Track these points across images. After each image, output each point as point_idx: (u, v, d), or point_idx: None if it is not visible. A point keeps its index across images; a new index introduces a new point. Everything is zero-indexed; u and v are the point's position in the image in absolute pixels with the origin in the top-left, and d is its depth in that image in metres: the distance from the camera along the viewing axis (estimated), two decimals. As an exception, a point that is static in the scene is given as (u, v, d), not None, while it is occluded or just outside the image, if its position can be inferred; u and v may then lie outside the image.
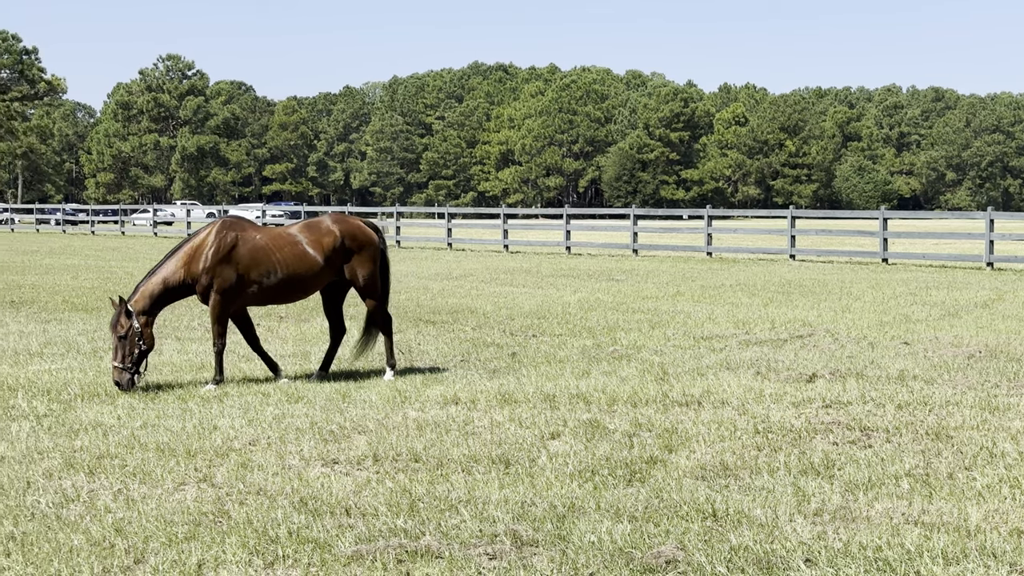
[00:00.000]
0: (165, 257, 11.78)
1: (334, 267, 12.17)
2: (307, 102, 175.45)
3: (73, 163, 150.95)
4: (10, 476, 7.72)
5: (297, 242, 12.01)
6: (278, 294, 12.12)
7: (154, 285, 11.54)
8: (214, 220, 12.11)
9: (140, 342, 11.31)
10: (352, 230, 12.31)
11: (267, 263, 11.81)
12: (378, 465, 8.03)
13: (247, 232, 11.91)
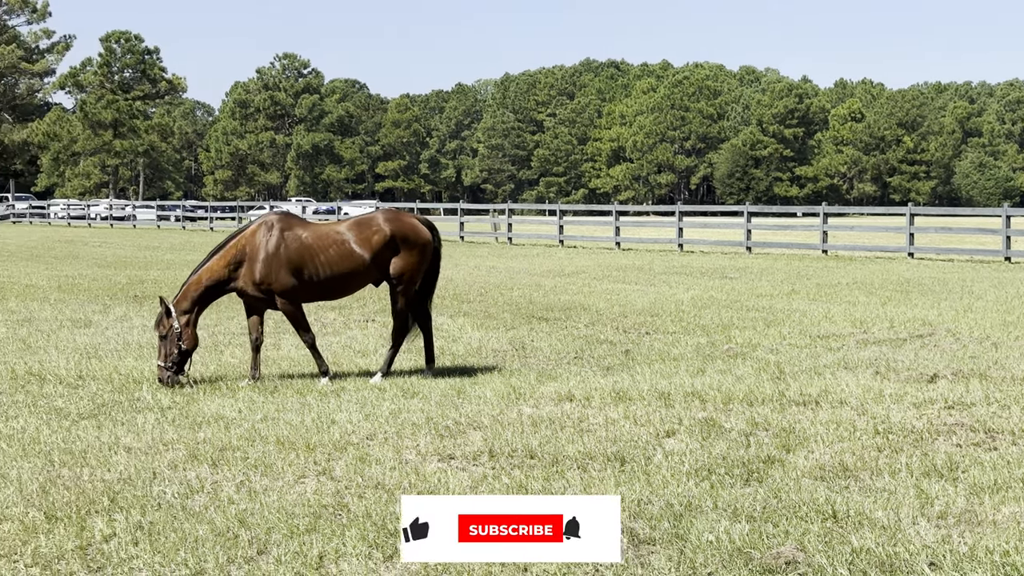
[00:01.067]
0: (209, 254, 11.69)
1: (381, 265, 11.91)
2: (420, 99, 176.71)
3: (192, 160, 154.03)
4: (137, 467, 7.91)
5: (344, 240, 11.79)
6: (323, 291, 11.99)
7: (196, 285, 11.51)
8: (259, 217, 12.00)
9: (180, 342, 11.30)
10: (404, 229, 12.01)
11: (313, 262, 11.65)
12: (494, 461, 8.07)
13: (293, 229, 11.74)
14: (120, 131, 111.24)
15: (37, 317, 17.77)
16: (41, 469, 7.86)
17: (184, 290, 11.50)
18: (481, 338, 15.32)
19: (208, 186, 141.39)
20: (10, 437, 8.87)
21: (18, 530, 6.48)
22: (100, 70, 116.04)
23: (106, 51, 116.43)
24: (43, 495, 7.18)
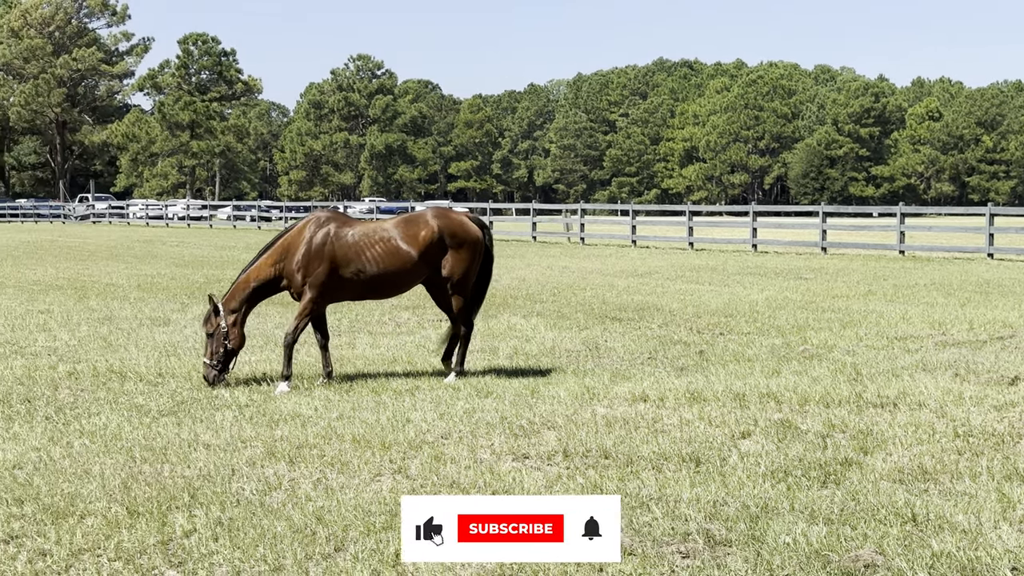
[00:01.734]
0: (258, 254, 11.68)
1: (430, 263, 11.78)
2: (492, 100, 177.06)
3: (267, 161, 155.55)
4: (216, 463, 8.01)
5: (391, 237, 11.68)
6: (371, 290, 11.91)
7: (245, 284, 11.51)
8: (307, 216, 11.93)
9: (226, 340, 11.30)
10: (453, 226, 11.88)
11: (359, 259, 11.57)
12: (568, 461, 8.07)
13: (340, 227, 11.66)
14: (197, 132, 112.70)
15: (117, 315, 18.06)
16: (123, 465, 7.99)
17: (233, 289, 11.53)
18: (554, 338, 15.33)
19: (283, 186, 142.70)
20: (93, 433, 9.03)
21: (101, 524, 6.60)
22: (178, 72, 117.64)
23: (184, 53, 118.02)
24: (125, 490, 7.30)
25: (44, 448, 8.52)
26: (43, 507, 6.91)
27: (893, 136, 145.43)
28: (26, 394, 10.97)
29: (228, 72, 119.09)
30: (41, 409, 10.21)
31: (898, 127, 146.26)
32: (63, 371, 12.31)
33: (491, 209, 57.73)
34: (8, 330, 16.06)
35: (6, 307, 19.34)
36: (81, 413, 10.00)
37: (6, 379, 11.79)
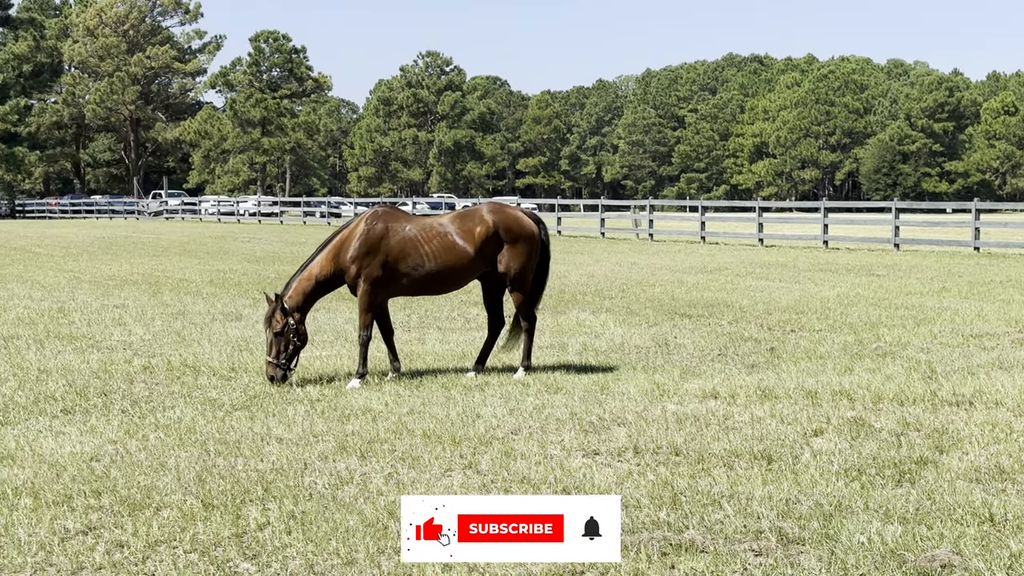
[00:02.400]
0: (316, 250, 11.65)
1: (486, 258, 11.75)
2: (560, 96, 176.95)
3: (337, 157, 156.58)
4: (289, 457, 8.08)
5: (447, 232, 11.67)
6: (428, 285, 11.90)
7: (306, 281, 11.46)
8: (365, 211, 11.95)
9: (294, 338, 11.29)
10: (508, 221, 11.83)
11: (416, 254, 11.56)
12: (638, 457, 8.05)
13: (397, 222, 11.66)
14: (268, 129, 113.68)
15: (190, 310, 18.28)
16: (197, 458, 8.08)
17: (295, 286, 11.47)
18: (624, 334, 15.28)
19: (352, 183, 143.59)
20: (168, 427, 9.14)
21: (177, 517, 6.68)
22: (249, 69, 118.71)
23: (255, 51, 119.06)
24: (200, 483, 7.39)
25: (120, 441, 8.64)
26: (120, 499, 7.01)
27: (967, 131, 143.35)
28: (102, 388, 11.14)
29: (299, 69, 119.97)
30: (117, 403, 10.36)
31: (973, 122, 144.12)
32: (138, 365, 12.49)
33: (559, 205, 57.68)
34: (85, 324, 16.31)
35: (82, 302, 19.64)
36: (156, 407, 10.13)
37: (83, 373, 11.98)
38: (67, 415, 9.82)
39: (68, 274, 26.68)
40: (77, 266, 29.72)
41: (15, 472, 7.69)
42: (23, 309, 18.30)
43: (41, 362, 12.70)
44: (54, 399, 10.50)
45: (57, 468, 7.77)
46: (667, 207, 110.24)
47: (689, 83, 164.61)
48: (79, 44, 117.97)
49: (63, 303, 19.38)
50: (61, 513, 6.74)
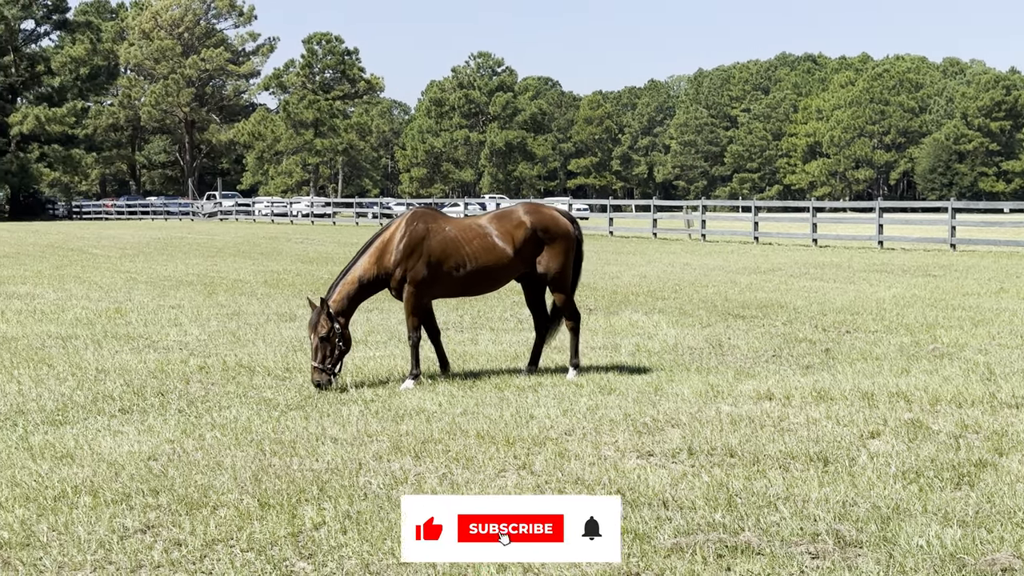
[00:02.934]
0: (358, 253, 11.58)
1: (525, 259, 11.77)
2: (612, 96, 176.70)
3: (388, 159, 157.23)
4: (344, 457, 8.12)
5: (487, 233, 11.67)
6: (468, 286, 11.87)
7: (350, 284, 11.40)
8: (404, 212, 11.89)
9: (340, 343, 11.22)
10: (545, 221, 11.84)
11: (457, 255, 11.54)
12: (693, 459, 8.01)
13: (437, 223, 11.63)
14: (320, 130, 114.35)
15: (245, 311, 18.41)
16: (253, 458, 8.13)
17: (339, 290, 11.40)
18: (677, 335, 15.23)
19: (404, 184, 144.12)
20: (224, 426, 9.21)
21: (234, 516, 6.73)
22: (302, 71, 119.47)
23: (308, 52, 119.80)
24: (256, 483, 7.44)
25: (177, 440, 8.72)
26: (177, 498, 7.07)
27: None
28: (159, 387, 11.24)
29: (351, 71, 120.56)
30: (174, 402, 10.46)
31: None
32: (194, 365, 12.60)
33: (611, 206, 57.57)
34: (141, 325, 16.47)
35: (139, 302, 19.84)
36: (212, 406, 10.21)
37: (140, 373, 12.10)
38: (125, 414, 9.92)
39: (124, 275, 26.97)
40: (133, 267, 30.04)
41: (75, 471, 7.78)
42: (81, 309, 18.51)
43: (99, 362, 12.85)
44: (112, 399, 10.61)
45: (116, 467, 7.85)
46: (719, 207, 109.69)
47: (742, 83, 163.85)
48: (135, 47, 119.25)
49: (120, 303, 19.59)
50: (120, 511, 6.81)
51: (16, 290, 22.46)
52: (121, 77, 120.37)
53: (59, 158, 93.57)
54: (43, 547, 6.23)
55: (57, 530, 6.49)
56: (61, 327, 16.17)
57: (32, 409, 10.13)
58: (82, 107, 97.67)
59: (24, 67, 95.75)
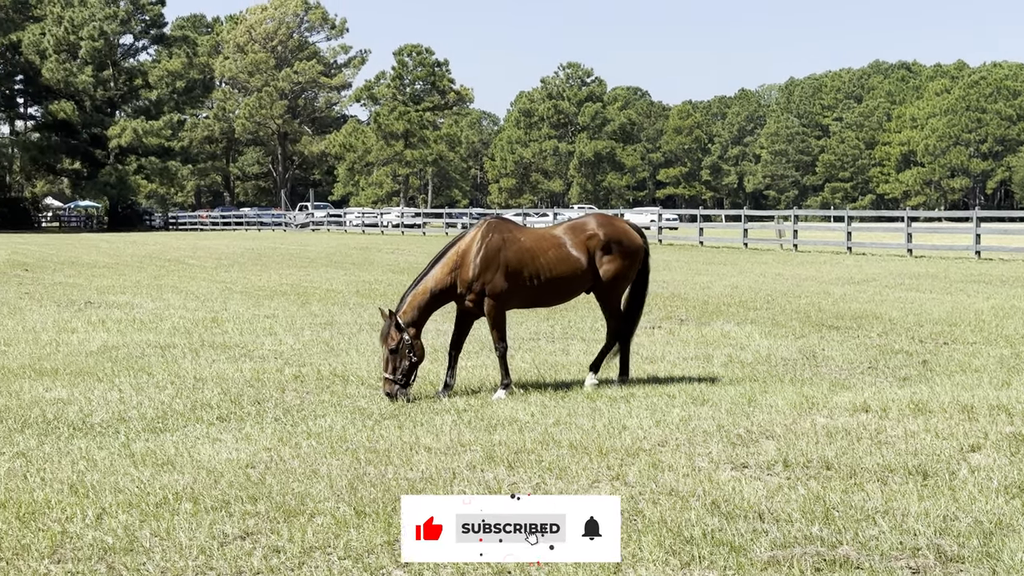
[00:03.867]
0: (430, 264, 11.54)
1: (595, 269, 11.74)
2: (702, 106, 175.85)
3: (478, 169, 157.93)
4: (437, 466, 8.16)
5: (562, 244, 11.65)
6: (542, 297, 11.85)
7: (422, 295, 11.35)
8: (478, 223, 11.84)
9: (411, 354, 11.17)
10: (618, 233, 11.84)
11: (532, 265, 11.50)
12: (789, 471, 7.93)
13: (512, 234, 11.60)
14: (411, 141, 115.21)
15: (338, 320, 18.61)
16: (349, 466, 8.21)
17: (410, 300, 11.37)
18: (770, 346, 15.10)
19: (493, 194, 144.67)
20: (319, 435, 9.31)
21: (331, 523, 6.79)
22: (393, 83, 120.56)
23: (399, 64, 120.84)
24: (352, 491, 7.50)
25: (274, 448, 8.83)
26: (275, 505, 7.16)
27: None
28: (256, 396, 11.41)
29: (441, 82, 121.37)
30: (270, 411, 10.60)
31: None
32: (289, 374, 12.76)
33: (701, 216, 57.24)
34: (237, 334, 16.72)
35: (234, 312, 20.15)
36: (307, 415, 10.33)
37: (237, 381, 12.28)
38: (223, 422, 10.08)
39: (220, 285, 27.40)
40: (228, 277, 30.50)
41: (175, 477, 7.91)
42: (179, 319, 18.84)
43: (197, 370, 13.07)
44: (210, 407, 10.79)
45: (215, 474, 7.98)
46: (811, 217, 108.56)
47: (834, 91, 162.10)
48: (229, 60, 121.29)
49: (216, 313, 19.91)
50: (219, 518, 6.92)
51: (116, 299, 22.92)
52: (216, 90, 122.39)
53: (156, 170, 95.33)
54: (146, 552, 6.35)
55: (159, 536, 6.61)
56: (160, 336, 16.48)
57: (133, 417, 10.34)
58: (178, 120, 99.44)
59: (123, 81, 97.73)
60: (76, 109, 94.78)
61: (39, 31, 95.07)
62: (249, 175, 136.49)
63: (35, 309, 20.93)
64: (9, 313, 20.15)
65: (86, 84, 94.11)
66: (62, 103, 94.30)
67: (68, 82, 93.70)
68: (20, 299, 23.19)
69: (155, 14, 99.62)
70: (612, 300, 11.95)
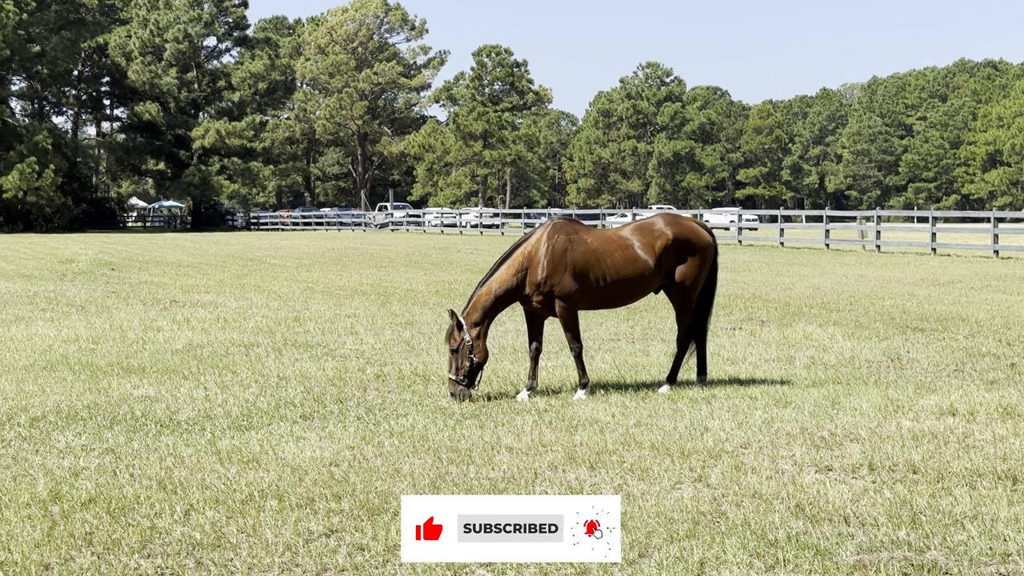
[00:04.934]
0: (495, 265, 11.52)
1: (664, 270, 11.66)
2: (782, 105, 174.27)
3: (556, 169, 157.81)
4: (519, 466, 8.18)
5: (629, 244, 11.56)
6: (609, 298, 11.76)
7: (487, 296, 11.34)
8: (544, 224, 11.73)
9: (472, 355, 11.14)
10: (686, 232, 11.73)
11: (598, 266, 11.43)
12: (874, 474, 7.85)
13: (578, 235, 11.52)
14: (489, 142, 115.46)
15: (418, 320, 18.71)
16: (431, 465, 8.26)
17: (474, 301, 11.38)
18: (853, 348, 14.93)
19: (571, 194, 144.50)
20: (401, 434, 9.38)
21: (413, 521, 6.83)
22: (472, 83, 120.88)
23: (478, 65, 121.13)
24: (434, 490, 7.55)
25: (357, 447, 8.90)
26: (359, 503, 7.22)
27: None
28: (338, 395, 11.51)
29: (520, 83, 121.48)
30: (352, 409, 10.69)
31: None
32: (371, 373, 12.85)
33: (781, 216, 56.71)
34: (319, 333, 16.88)
35: (316, 311, 20.33)
36: (389, 414, 10.41)
37: (319, 380, 12.40)
38: (306, 420, 10.18)
39: (301, 284, 27.67)
40: (310, 276, 30.79)
41: (260, 475, 8.01)
42: (261, 318, 19.06)
43: (280, 369, 13.22)
44: (293, 405, 10.91)
45: (299, 472, 8.06)
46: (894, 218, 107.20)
47: (918, 90, 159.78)
48: (311, 62, 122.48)
49: (298, 312, 20.11)
50: (304, 515, 6.99)
51: (200, 299, 23.25)
52: (297, 91, 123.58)
53: (238, 171, 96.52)
54: (233, 548, 6.44)
55: (246, 532, 6.70)
56: (243, 335, 16.68)
57: (219, 414, 10.48)
58: (260, 121, 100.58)
59: (206, 83, 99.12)
60: (161, 110, 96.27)
61: (125, 34, 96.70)
62: (329, 175, 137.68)
63: (122, 307, 21.30)
64: (97, 311, 20.52)
65: (171, 86, 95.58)
66: (147, 104, 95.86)
67: (153, 84, 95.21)
68: (107, 298, 23.60)
69: (238, 16, 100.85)
70: (686, 301, 11.85)
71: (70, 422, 10.09)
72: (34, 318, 19.31)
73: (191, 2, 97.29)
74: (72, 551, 6.40)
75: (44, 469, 8.26)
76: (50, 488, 7.62)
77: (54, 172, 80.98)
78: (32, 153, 79.77)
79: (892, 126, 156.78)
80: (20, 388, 11.85)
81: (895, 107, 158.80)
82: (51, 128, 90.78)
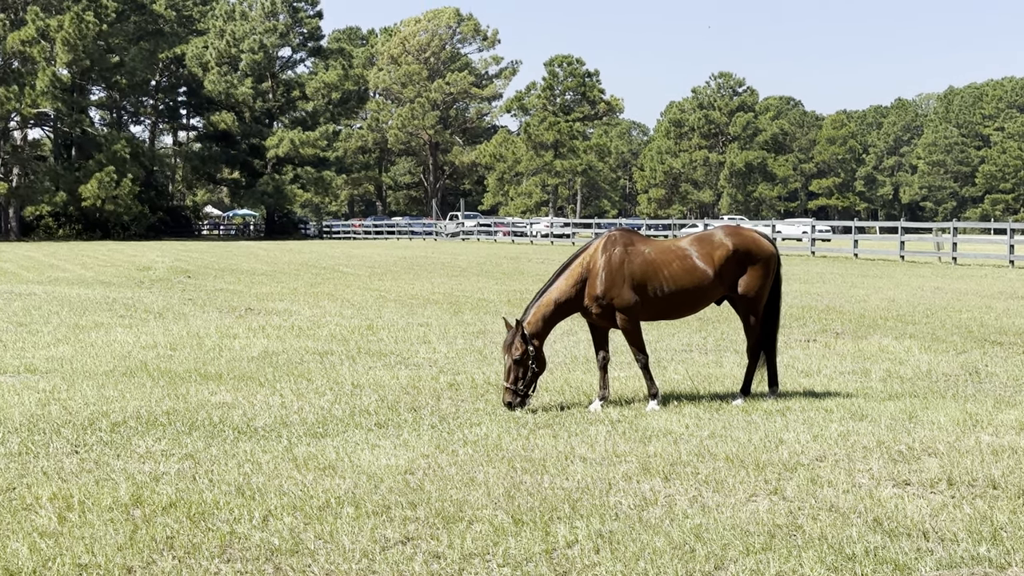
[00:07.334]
0: (554, 276, 11.52)
1: (726, 281, 11.58)
2: (856, 115, 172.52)
3: (627, 179, 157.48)
4: (593, 476, 8.19)
5: (687, 255, 11.52)
6: (668, 309, 11.71)
7: (546, 306, 11.35)
8: (601, 235, 11.70)
9: (533, 364, 11.18)
10: (747, 243, 11.66)
11: (656, 278, 11.40)
12: (953, 489, 7.75)
13: (636, 245, 11.50)
14: (560, 151, 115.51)
15: (490, 329, 18.76)
16: (505, 474, 8.29)
17: (535, 311, 11.40)
18: (930, 361, 14.76)
19: (642, 204, 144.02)
20: (475, 443, 9.42)
21: (488, 531, 6.87)
22: (543, 93, 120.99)
23: (549, 75, 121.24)
24: (508, 499, 7.58)
25: (432, 455, 8.95)
26: (434, 511, 7.27)
27: None
28: (411, 403, 11.58)
29: (591, 93, 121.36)
30: (426, 418, 10.75)
31: None
32: (444, 382, 12.92)
33: (855, 228, 56.14)
34: (392, 342, 16.99)
35: (389, 320, 20.47)
36: (463, 423, 10.45)
37: (393, 388, 12.48)
38: (381, 428, 10.25)
39: (374, 293, 27.86)
40: (382, 285, 30.99)
41: (336, 482, 8.09)
42: (335, 326, 19.22)
43: (354, 377, 13.33)
44: (368, 413, 11.00)
45: (375, 479, 8.13)
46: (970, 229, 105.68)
47: (995, 100, 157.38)
48: (383, 72, 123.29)
49: (371, 321, 20.25)
50: (381, 523, 7.05)
51: (275, 307, 23.49)
52: (370, 101, 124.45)
53: (311, 180, 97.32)
54: (311, 555, 6.51)
55: (323, 538, 6.77)
56: (318, 343, 16.83)
57: (295, 422, 10.59)
58: (333, 130, 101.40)
59: (280, 92, 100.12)
60: (236, 120, 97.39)
61: (202, 44, 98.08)
62: (401, 185, 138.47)
63: (198, 315, 21.58)
64: (174, 319, 20.82)
65: (246, 96, 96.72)
66: (223, 114, 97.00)
67: (229, 94, 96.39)
68: (184, 305, 23.93)
69: (313, 27, 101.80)
70: (752, 312, 11.80)
71: (150, 427, 10.25)
72: (113, 324, 19.63)
73: (267, 13, 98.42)
74: (154, 555, 6.50)
75: (125, 473, 8.40)
76: (132, 492, 7.75)
77: (132, 181, 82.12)
78: (111, 162, 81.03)
79: (968, 136, 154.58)
80: (101, 393, 12.05)
81: (972, 117, 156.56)
82: (129, 137, 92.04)
